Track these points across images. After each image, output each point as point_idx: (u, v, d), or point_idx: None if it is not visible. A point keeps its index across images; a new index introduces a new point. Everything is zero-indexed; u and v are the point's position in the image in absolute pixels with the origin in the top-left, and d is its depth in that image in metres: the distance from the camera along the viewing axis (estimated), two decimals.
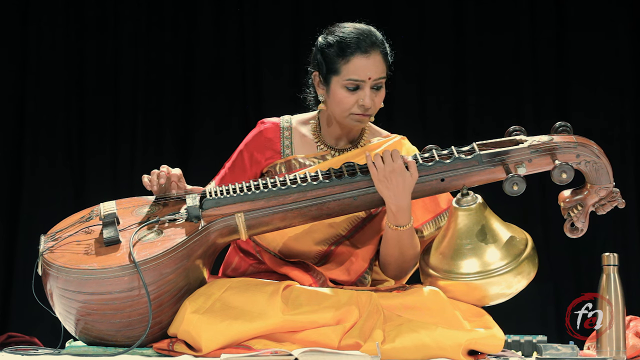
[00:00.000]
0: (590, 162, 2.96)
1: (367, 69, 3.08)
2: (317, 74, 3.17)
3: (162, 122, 5.01)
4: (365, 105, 3.10)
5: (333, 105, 3.14)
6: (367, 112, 3.12)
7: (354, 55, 3.09)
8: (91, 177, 4.95)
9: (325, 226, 3.14)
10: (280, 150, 3.25)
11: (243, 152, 3.26)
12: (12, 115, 4.95)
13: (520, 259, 2.95)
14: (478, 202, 3.00)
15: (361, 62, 3.09)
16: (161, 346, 2.87)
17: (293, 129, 3.27)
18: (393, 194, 2.95)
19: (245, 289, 2.90)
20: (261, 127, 3.28)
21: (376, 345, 2.75)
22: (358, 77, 3.08)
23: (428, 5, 5.05)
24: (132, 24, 5.00)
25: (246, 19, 5.03)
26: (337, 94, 3.11)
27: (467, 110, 5.01)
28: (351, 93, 3.10)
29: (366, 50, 3.09)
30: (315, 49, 3.19)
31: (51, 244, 2.92)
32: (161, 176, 3.05)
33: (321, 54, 3.14)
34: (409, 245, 3.06)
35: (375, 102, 3.12)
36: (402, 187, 2.95)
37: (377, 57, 3.10)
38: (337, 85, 3.11)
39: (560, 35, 5.02)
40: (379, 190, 2.96)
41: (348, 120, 3.14)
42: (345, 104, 3.11)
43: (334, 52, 3.10)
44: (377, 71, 3.10)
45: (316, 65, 3.17)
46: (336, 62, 3.10)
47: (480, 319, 2.91)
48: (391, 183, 2.95)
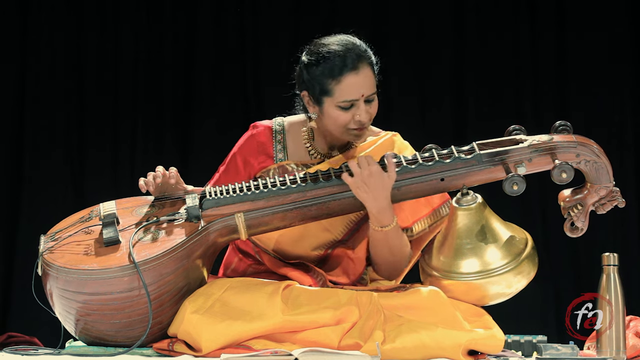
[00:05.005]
0: (590, 162, 2.96)
1: (359, 86, 3.06)
2: (306, 94, 3.14)
3: (162, 122, 5.01)
4: (362, 121, 3.09)
5: (329, 124, 3.12)
6: (364, 126, 3.11)
7: (343, 74, 3.06)
8: (91, 176, 4.95)
9: (322, 231, 3.14)
10: (273, 154, 3.24)
11: (236, 155, 3.26)
12: (12, 115, 4.95)
13: (520, 259, 2.95)
14: (478, 202, 3.00)
15: (352, 81, 3.06)
16: (161, 346, 2.87)
17: (286, 132, 3.26)
18: (372, 197, 2.95)
19: (245, 289, 2.90)
20: (253, 131, 3.27)
21: (376, 346, 2.75)
22: (352, 97, 3.07)
23: (428, 5, 5.04)
24: (132, 23, 5.00)
25: (246, 18, 5.03)
26: (332, 113, 3.10)
27: (467, 110, 5.01)
28: (346, 111, 3.08)
29: (355, 67, 3.06)
30: (300, 68, 3.16)
31: (51, 244, 2.92)
32: (157, 176, 3.04)
33: (308, 74, 3.11)
34: (397, 244, 3.06)
35: (371, 113, 3.11)
36: (381, 188, 2.94)
37: (367, 71, 3.08)
38: (330, 105, 3.09)
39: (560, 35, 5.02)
40: (358, 196, 2.95)
41: (345, 136, 3.13)
42: (342, 122, 3.09)
43: (323, 73, 3.07)
44: (369, 87, 3.08)
45: (304, 85, 3.14)
46: (327, 84, 3.07)
47: (480, 319, 2.91)
48: (369, 186, 2.94)
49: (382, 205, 2.96)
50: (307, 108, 3.17)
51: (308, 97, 3.14)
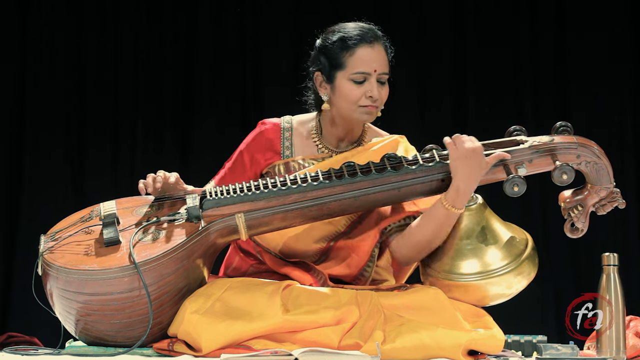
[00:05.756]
0: (590, 163, 2.96)
1: (373, 60, 3.10)
2: (319, 74, 3.17)
3: (162, 122, 5.01)
4: (373, 96, 3.10)
5: (340, 101, 3.14)
6: (375, 104, 3.12)
7: (358, 46, 3.10)
8: (91, 176, 4.96)
9: (324, 224, 3.13)
10: (280, 151, 3.25)
11: (243, 152, 3.26)
12: (12, 114, 4.95)
13: (521, 259, 2.95)
14: (478, 203, 3.00)
15: (366, 53, 3.10)
16: (161, 346, 2.87)
17: (294, 129, 3.27)
18: (467, 173, 2.90)
19: (245, 289, 2.90)
20: (262, 127, 3.28)
21: (376, 346, 2.75)
22: (364, 69, 3.09)
23: (428, 6, 5.05)
24: (132, 23, 5.00)
25: (246, 18, 5.03)
26: (344, 88, 3.11)
27: (467, 111, 5.01)
28: (358, 86, 3.11)
29: (370, 41, 3.11)
30: (315, 50, 3.20)
31: (51, 244, 2.92)
32: (157, 180, 3.03)
33: (323, 53, 3.15)
34: (445, 232, 3.00)
35: (382, 94, 3.12)
36: (478, 167, 2.91)
37: (381, 49, 3.12)
38: (342, 79, 3.11)
39: (560, 35, 5.02)
40: (454, 167, 2.90)
41: (357, 114, 3.13)
42: (353, 97, 3.11)
43: (337, 47, 3.12)
44: (382, 64, 3.11)
45: (317, 65, 3.17)
46: (340, 57, 3.11)
47: (480, 319, 2.91)
48: (470, 161, 2.90)
49: (470, 188, 2.92)
50: (318, 94, 3.19)
51: (321, 77, 3.17)
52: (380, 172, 2.97)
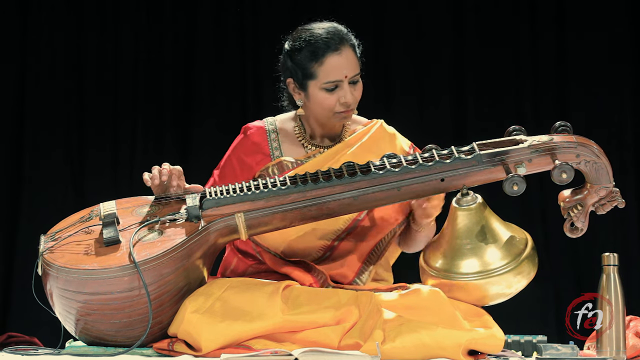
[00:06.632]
0: (590, 162, 2.96)
1: (342, 67, 3.13)
2: (291, 81, 3.20)
3: (162, 122, 5.01)
4: (347, 102, 3.14)
5: (315, 107, 3.18)
6: (350, 107, 3.16)
7: (326, 55, 3.13)
8: (91, 176, 4.96)
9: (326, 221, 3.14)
10: (269, 152, 3.26)
11: (231, 157, 3.27)
12: (12, 114, 4.95)
13: (520, 259, 2.95)
14: (478, 202, 3.00)
15: (335, 61, 3.13)
16: (161, 346, 2.87)
17: (279, 129, 3.29)
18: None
19: (245, 289, 2.90)
20: (247, 132, 3.29)
21: (376, 345, 2.75)
22: (335, 77, 3.13)
23: (428, 5, 5.04)
24: (132, 23, 5.00)
25: (246, 18, 5.03)
26: (317, 97, 3.15)
27: (467, 110, 5.01)
28: (331, 93, 3.14)
29: (337, 48, 3.13)
30: (283, 55, 3.22)
31: (51, 244, 2.92)
32: (163, 173, 3.04)
33: (291, 61, 3.18)
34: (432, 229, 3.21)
35: (355, 95, 3.17)
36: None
37: (349, 52, 3.15)
38: (315, 89, 3.15)
39: (560, 35, 5.02)
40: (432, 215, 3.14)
41: (333, 120, 3.19)
42: (328, 105, 3.15)
43: (306, 57, 3.14)
44: (352, 68, 3.14)
45: (288, 72, 3.20)
46: (309, 67, 3.14)
47: (480, 318, 2.91)
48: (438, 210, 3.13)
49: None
50: (292, 97, 3.22)
51: (293, 84, 3.20)
52: (379, 172, 2.97)
